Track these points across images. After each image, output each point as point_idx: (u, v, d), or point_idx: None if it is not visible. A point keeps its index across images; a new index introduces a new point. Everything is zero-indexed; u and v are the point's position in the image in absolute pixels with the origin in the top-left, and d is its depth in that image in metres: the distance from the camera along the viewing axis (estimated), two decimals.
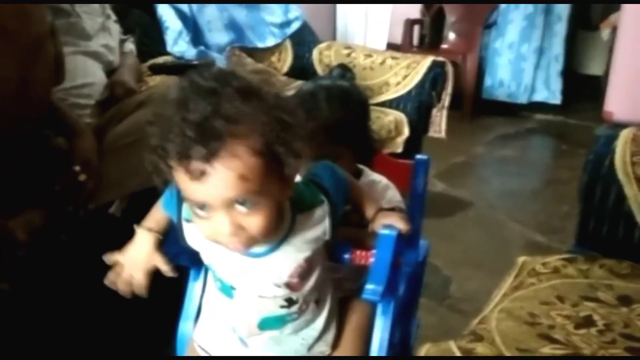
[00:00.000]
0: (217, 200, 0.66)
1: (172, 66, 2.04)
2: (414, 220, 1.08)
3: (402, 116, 2.21)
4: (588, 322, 1.00)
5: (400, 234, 0.84)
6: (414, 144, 2.19)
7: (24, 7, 1.12)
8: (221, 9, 2.46)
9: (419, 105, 2.26)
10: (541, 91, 4.05)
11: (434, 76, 2.27)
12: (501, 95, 4.03)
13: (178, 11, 2.28)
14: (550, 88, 4.04)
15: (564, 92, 4.03)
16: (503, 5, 3.91)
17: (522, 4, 3.86)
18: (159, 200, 0.87)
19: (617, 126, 1.33)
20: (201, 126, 0.63)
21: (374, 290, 0.80)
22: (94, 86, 1.56)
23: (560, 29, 3.96)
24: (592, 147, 1.31)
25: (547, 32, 3.95)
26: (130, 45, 1.91)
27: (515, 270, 1.19)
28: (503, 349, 0.92)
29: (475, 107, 3.91)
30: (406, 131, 2.18)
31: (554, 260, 1.20)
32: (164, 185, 0.72)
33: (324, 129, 0.94)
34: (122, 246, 0.88)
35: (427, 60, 2.30)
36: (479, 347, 0.93)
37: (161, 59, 2.14)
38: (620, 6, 2.97)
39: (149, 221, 0.88)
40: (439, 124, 2.34)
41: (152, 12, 2.27)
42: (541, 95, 4.05)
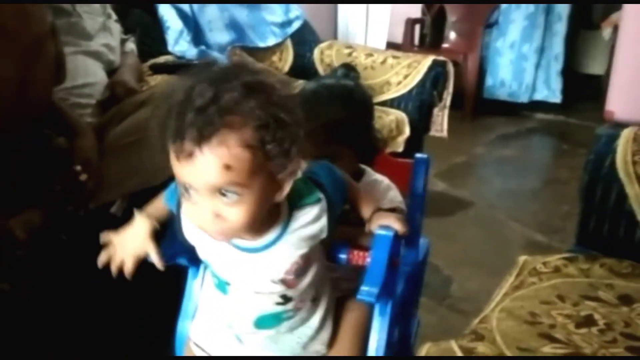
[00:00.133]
0: (201, 184, 0.68)
1: (173, 66, 2.03)
2: (413, 219, 1.08)
3: (403, 115, 2.21)
4: (589, 321, 1.00)
5: (397, 234, 0.84)
6: (415, 143, 2.19)
7: (24, 7, 1.12)
8: (222, 8, 2.46)
9: (420, 104, 2.26)
10: (541, 90, 4.05)
11: (435, 75, 2.27)
12: (502, 94, 4.03)
13: (179, 11, 2.28)
14: (550, 87, 4.04)
15: (564, 91, 4.03)
16: (504, 4, 3.90)
17: (523, 3, 3.86)
18: (163, 191, 0.88)
19: (618, 126, 1.33)
20: (200, 111, 0.65)
21: (369, 292, 0.79)
22: (94, 86, 1.56)
23: (561, 28, 3.96)
24: (593, 147, 1.30)
25: (548, 31, 3.95)
26: (131, 45, 1.91)
27: (516, 270, 1.19)
28: (504, 348, 0.92)
29: (476, 106, 3.91)
30: (407, 130, 2.18)
31: (555, 259, 1.20)
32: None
33: (324, 128, 0.94)
34: None
35: (428, 60, 2.30)
36: (480, 346, 0.92)
37: (162, 59, 2.14)
38: (621, 5, 2.96)
39: (149, 208, 0.89)
40: (441, 123, 2.35)
41: (152, 11, 2.27)
42: (541, 94, 4.06)
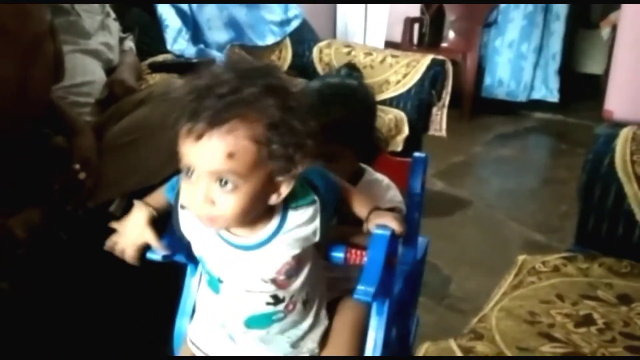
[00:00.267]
0: (203, 167, 0.70)
1: (172, 64, 2.03)
2: (411, 218, 1.08)
3: (402, 114, 2.21)
4: (588, 320, 1.00)
5: (394, 233, 0.84)
6: (413, 142, 2.19)
7: (24, 6, 1.12)
8: (221, 7, 2.46)
9: (418, 103, 2.26)
10: (540, 89, 4.06)
11: (434, 74, 2.27)
12: (500, 94, 4.04)
13: (178, 9, 2.28)
14: (548, 86, 4.05)
15: (563, 90, 4.03)
16: (503, 4, 3.90)
17: (522, 3, 3.86)
18: (165, 184, 0.89)
19: (617, 125, 1.33)
20: (220, 97, 0.69)
21: (365, 291, 0.79)
22: (93, 84, 1.56)
23: (559, 27, 3.96)
24: (592, 146, 1.30)
25: (546, 30, 3.95)
26: (130, 44, 1.90)
27: (515, 269, 1.19)
28: (503, 347, 0.92)
29: (474, 105, 3.91)
30: (406, 130, 2.18)
31: (554, 259, 1.20)
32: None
33: (324, 128, 0.94)
34: None
35: (426, 59, 2.30)
36: (479, 345, 0.92)
37: (161, 57, 2.14)
38: (620, 5, 2.96)
39: (148, 197, 0.90)
40: (440, 122, 2.35)
41: (151, 10, 2.26)
42: (539, 94, 4.06)
